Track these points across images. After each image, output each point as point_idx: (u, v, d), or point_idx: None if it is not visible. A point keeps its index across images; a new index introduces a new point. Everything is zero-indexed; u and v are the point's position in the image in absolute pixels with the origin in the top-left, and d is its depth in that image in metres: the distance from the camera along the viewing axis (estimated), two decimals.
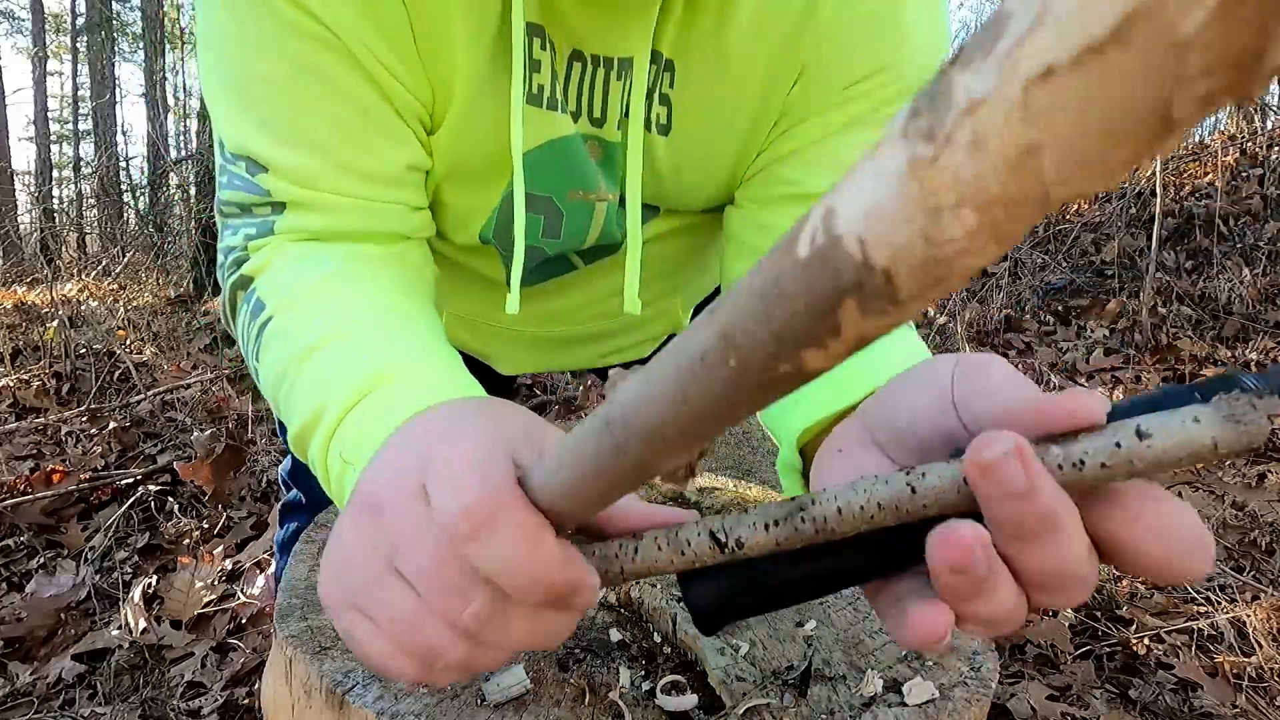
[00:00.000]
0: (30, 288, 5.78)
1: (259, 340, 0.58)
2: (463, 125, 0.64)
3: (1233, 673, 1.39)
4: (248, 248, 0.63)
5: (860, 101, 0.66)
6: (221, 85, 0.61)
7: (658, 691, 0.47)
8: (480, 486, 0.33)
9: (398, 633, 0.36)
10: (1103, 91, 0.12)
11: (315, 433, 0.51)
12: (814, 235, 0.17)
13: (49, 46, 14.97)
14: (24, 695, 1.43)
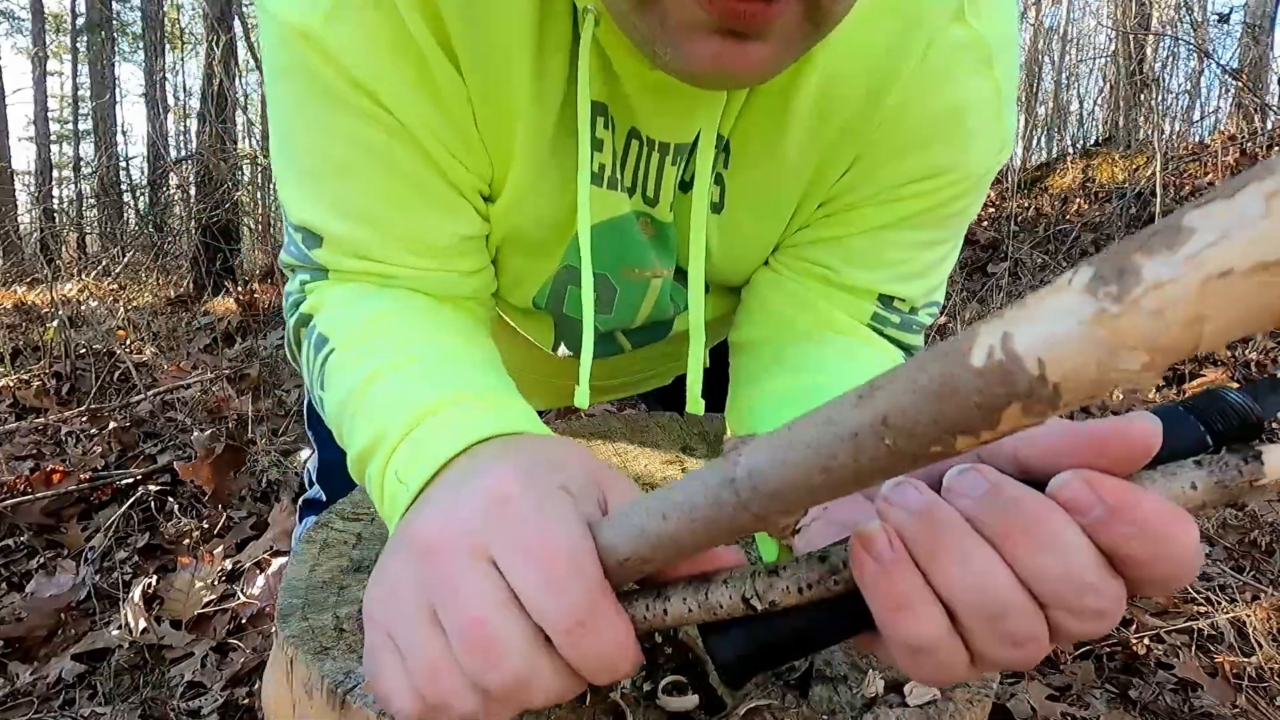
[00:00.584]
0: (30, 288, 5.78)
1: (323, 372, 0.59)
2: (522, 197, 0.64)
3: (1233, 673, 1.39)
4: (304, 289, 0.64)
5: (916, 201, 0.65)
6: (284, 156, 0.62)
7: (659, 692, 0.47)
8: (579, 590, 0.34)
9: (419, 674, 0.37)
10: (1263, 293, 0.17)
11: (374, 456, 0.51)
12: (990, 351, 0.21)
13: (49, 46, 14.97)
14: (24, 695, 1.43)
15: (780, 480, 0.27)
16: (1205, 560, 1.80)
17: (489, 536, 0.37)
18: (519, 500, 0.38)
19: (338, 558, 0.63)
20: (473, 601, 0.36)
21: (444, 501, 0.42)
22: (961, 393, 0.22)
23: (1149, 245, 0.19)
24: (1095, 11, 8.40)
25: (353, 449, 0.53)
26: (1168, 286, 0.18)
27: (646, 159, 0.64)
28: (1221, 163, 5.04)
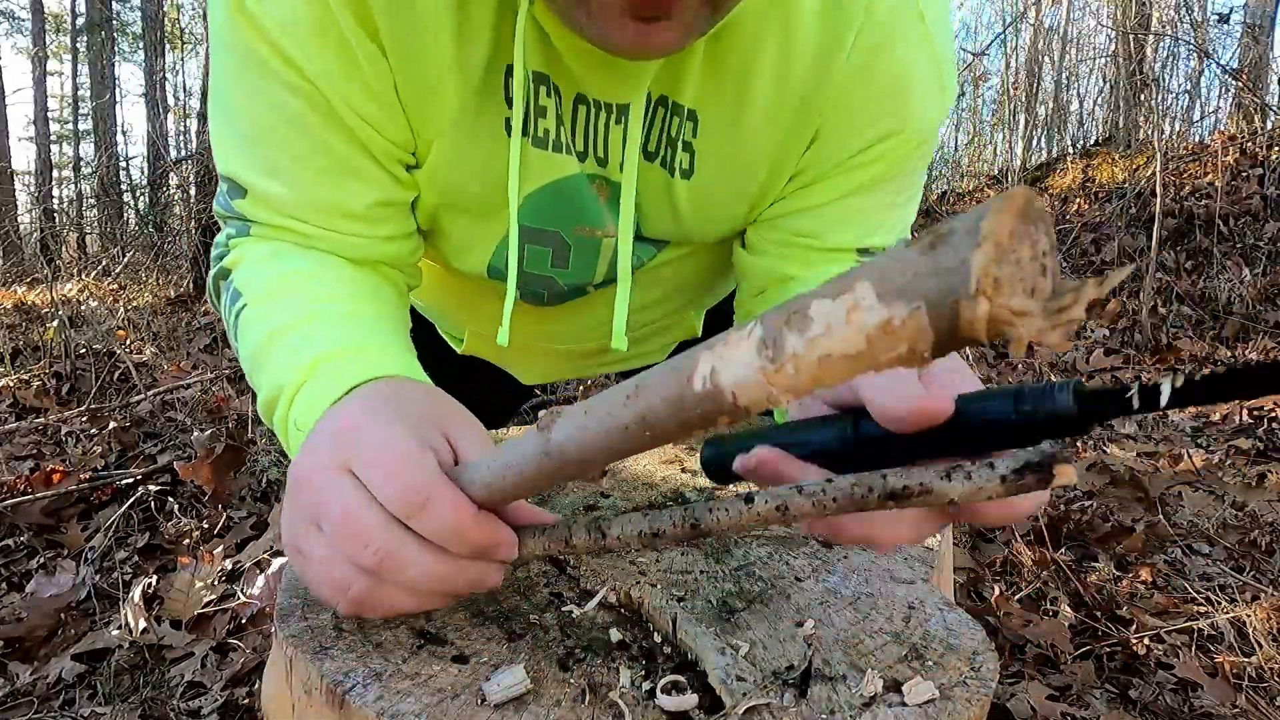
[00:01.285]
0: (30, 288, 5.78)
1: (236, 324, 0.66)
2: (450, 161, 0.69)
3: (1233, 673, 1.39)
4: (229, 244, 0.71)
5: (877, 164, 0.73)
6: (219, 113, 0.69)
7: (658, 691, 0.47)
8: (417, 477, 0.45)
9: (318, 571, 0.48)
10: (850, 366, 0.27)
11: (277, 404, 0.60)
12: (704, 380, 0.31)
13: (49, 46, 14.97)
14: (24, 695, 1.43)
15: (579, 451, 0.38)
16: (1205, 560, 1.80)
17: (342, 455, 0.47)
18: (361, 427, 0.49)
19: None
20: (336, 502, 0.46)
21: (308, 442, 0.51)
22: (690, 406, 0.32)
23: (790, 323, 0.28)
24: (1095, 11, 8.39)
25: (260, 396, 0.62)
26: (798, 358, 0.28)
27: (594, 121, 0.70)
28: (1221, 162, 5.04)
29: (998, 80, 8.40)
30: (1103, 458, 2.33)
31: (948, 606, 0.56)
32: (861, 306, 0.25)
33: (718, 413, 0.31)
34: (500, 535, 0.47)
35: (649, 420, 0.33)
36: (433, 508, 0.45)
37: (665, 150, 0.72)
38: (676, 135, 0.70)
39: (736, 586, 0.59)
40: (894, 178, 0.75)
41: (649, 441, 0.34)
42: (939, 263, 0.23)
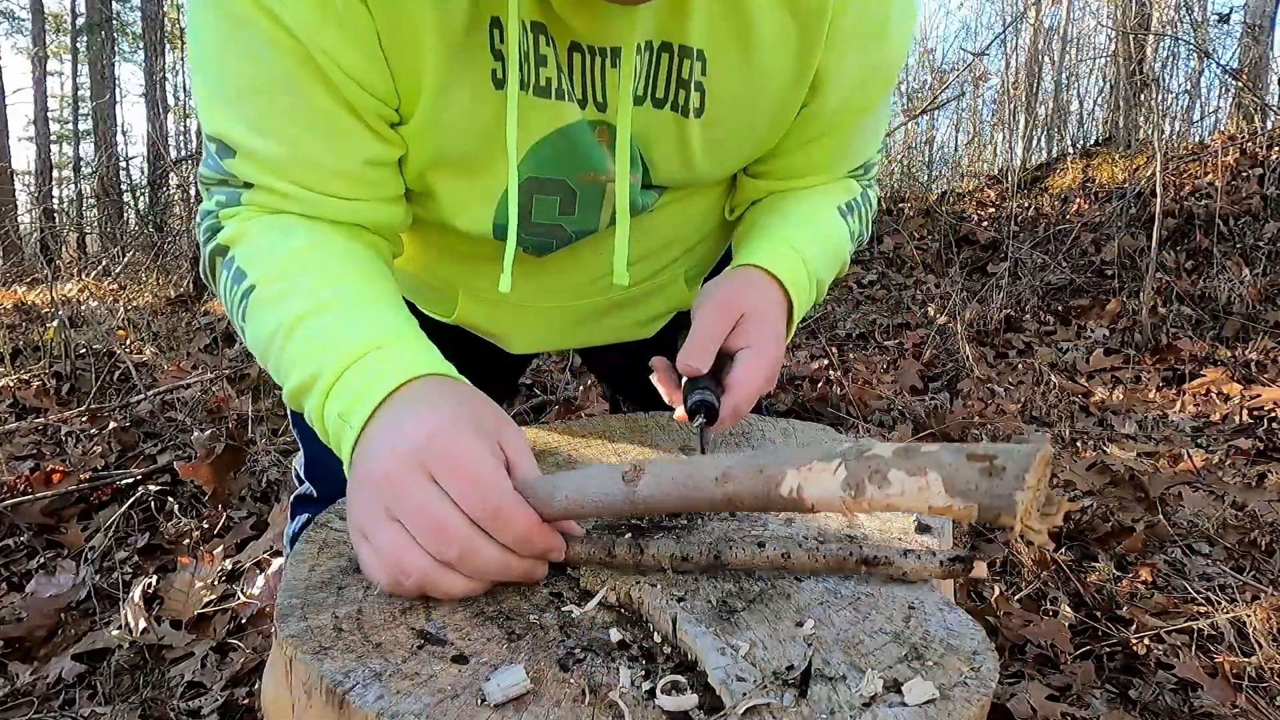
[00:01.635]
0: (30, 288, 5.78)
1: (244, 304, 0.67)
2: (436, 116, 0.70)
3: (1233, 673, 1.39)
4: (220, 215, 0.71)
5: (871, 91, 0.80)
6: (202, 73, 0.69)
7: (658, 691, 0.47)
8: (494, 491, 0.53)
9: (387, 556, 0.53)
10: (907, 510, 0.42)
11: (311, 392, 0.62)
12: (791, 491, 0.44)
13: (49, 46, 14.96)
14: (24, 695, 1.43)
15: (659, 504, 0.50)
16: (1205, 560, 1.80)
17: (427, 460, 0.53)
18: (445, 436, 0.54)
19: (337, 557, 0.63)
20: (422, 501, 0.52)
21: (390, 438, 0.56)
22: (773, 502, 0.45)
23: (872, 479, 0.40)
24: (1095, 11, 8.39)
25: (287, 384, 0.65)
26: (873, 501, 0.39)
27: (590, 67, 0.71)
28: (1221, 162, 5.04)
29: (998, 80, 8.40)
30: (1103, 458, 2.33)
31: (948, 606, 0.56)
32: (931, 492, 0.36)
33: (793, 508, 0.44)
34: (556, 542, 0.56)
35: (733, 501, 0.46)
36: (507, 520, 0.52)
37: (676, 93, 0.73)
38: (688, 77, 0.73)
39: (737, 586, 0.59)
40: (883, 101, 0.84)
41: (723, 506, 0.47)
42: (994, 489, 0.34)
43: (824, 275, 0.85)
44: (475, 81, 0.68)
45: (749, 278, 0.78)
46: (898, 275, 5.14)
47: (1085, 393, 3.10)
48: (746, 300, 0.76)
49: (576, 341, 1.08)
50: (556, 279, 0.92)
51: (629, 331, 1.06)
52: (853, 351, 3.78)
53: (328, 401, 0.61)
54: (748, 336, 0.74)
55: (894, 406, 2.84)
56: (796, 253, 0.81)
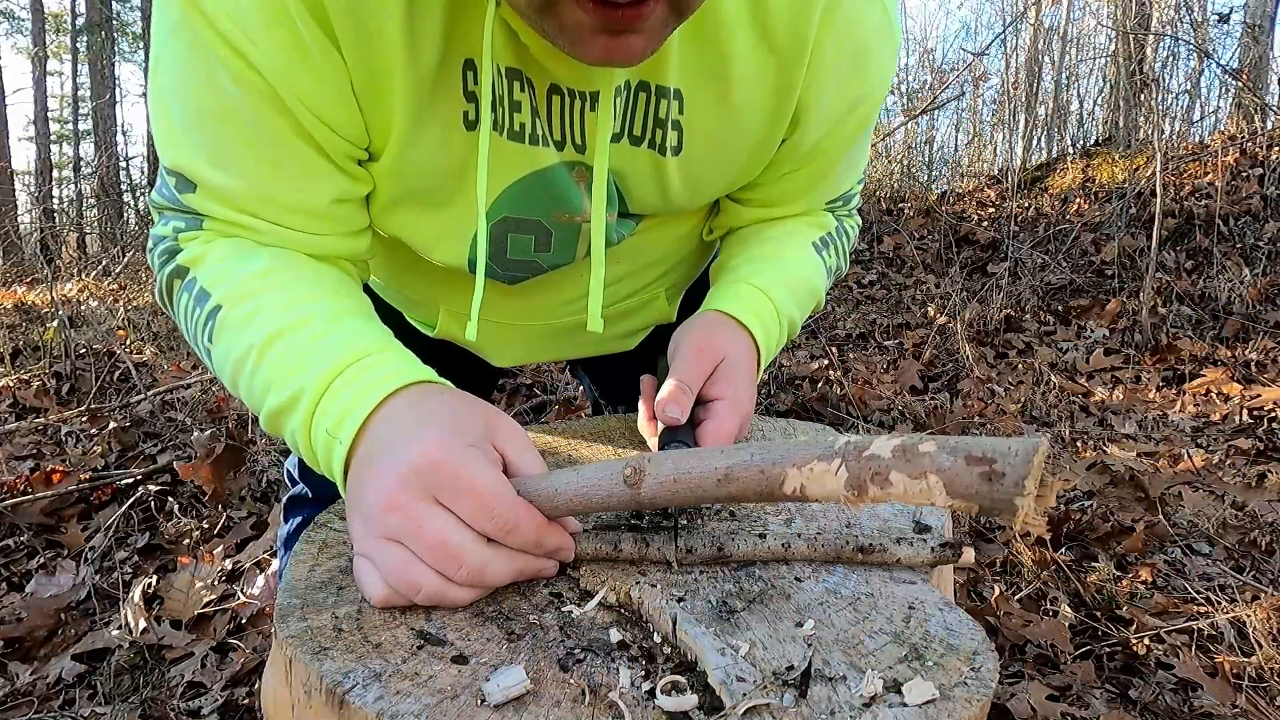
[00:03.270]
0: (30, 288, 5.77)
1: (209, 326, 0.66)
2: (406, 155, 0.69)
3: (1233, 673, 1.39)
4: (179, 239, 0.70)
5: (851, 123, 0.80)
6: (161, 101, 0.67)
7: (658, 692, 0.47)
8: (506, 508, 0.53)
9: (393, 576, 0.53)
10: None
11: (294, 411, 0.61)
12: (795, 489, 0.44)
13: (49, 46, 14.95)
14: (24, 695, 1.43)
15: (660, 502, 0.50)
16: (1205, 560, 1.80)
17: (429, 483, 0.53)
18: (443, 453, 0.53)
19: (336, 558, 0.63)
20: (433, 529, 0.52)
21: (386, 457, 0.55)
22: (776, 498, 0.46)
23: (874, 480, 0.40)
24: (1095, 11, 8.39)
25: (265, 405, 0.63)
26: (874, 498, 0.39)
27: (569, 109, 0.71)
28: (1221, 162, 5.04)
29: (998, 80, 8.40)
30: (1103, 458, 2.33)
31: (948, 606, 0.56)
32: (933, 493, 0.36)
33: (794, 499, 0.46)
34: (566, 542, 0.58)
35: (735, 498, 0.47)
36: (519, 530, 0.53)
37: (654, 132, 0.74)
38: (665, 116, 0.73)
39: (736, 586, 0.59)
40: (865, 131, 0.83)
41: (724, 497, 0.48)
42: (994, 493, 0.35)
43: (796, 316, 0.87)
44: (446, 122, 0.68)
45: (724, 325, 0.80)
46: (898, 275, 5.14)
47: (1085, 393, 3.10)
48: (722, 348, 0.77)
49: (558, 355, 1.09)
50: (533, 302, 0.93)
51: (613, 345, 1.07)
52: (853, 351, 3.78)
53: (314, 419, 0.60)
54: (722, 387, 0.75)
55: (894, 406, 2.84)
56: (768, 299, 0.82)
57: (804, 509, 0.71)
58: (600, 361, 1.14)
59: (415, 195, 0.74)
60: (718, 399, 0.75)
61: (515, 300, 0.91)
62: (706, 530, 0.67)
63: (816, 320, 4.21)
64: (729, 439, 0.74)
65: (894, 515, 0.70)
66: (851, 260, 1.00)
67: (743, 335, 0.80)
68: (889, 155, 7.50)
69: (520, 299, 0.91)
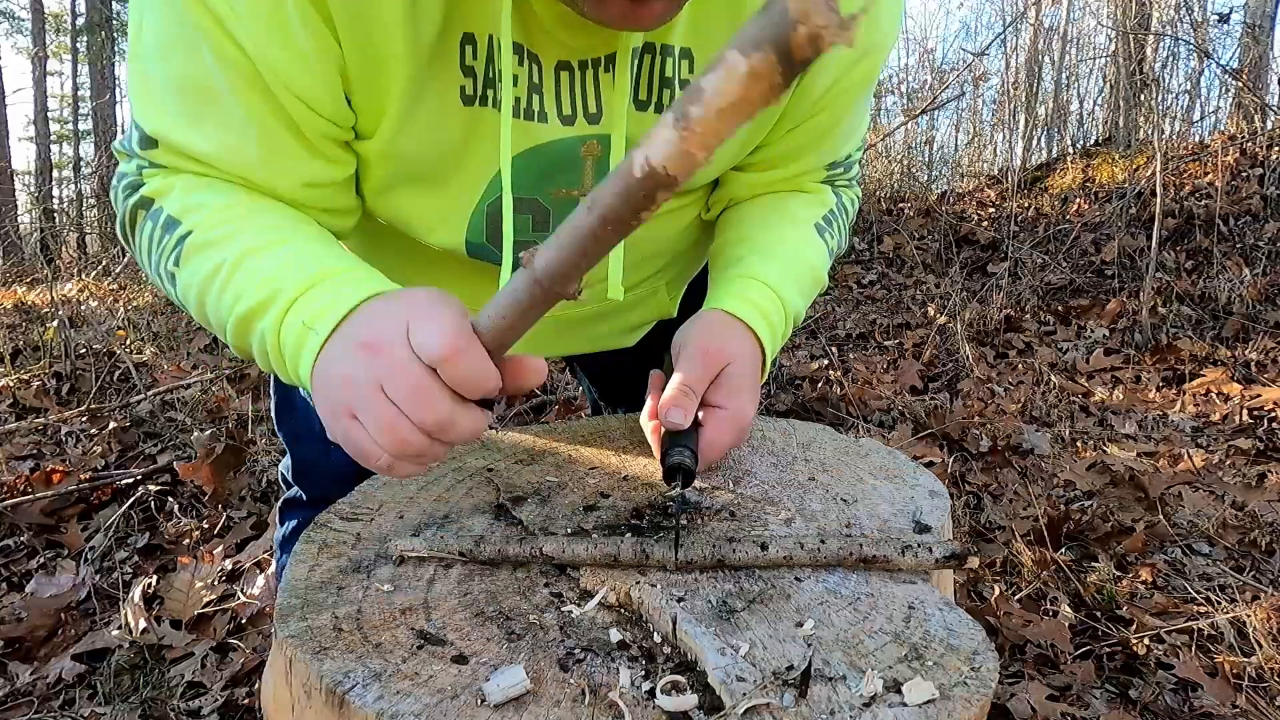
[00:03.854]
0: (30, 288, 5.77)
1: (177, 250, 0.66)
2: (400, 130, 0.69)
3: (1233, 673, 1.39)
4: (142, 174, 0.70)
5: (862, 85, 0.81)
6: (140, 66, 0.67)
7: (658, 691, 0.47)
8: (454, 331, 0.52)
9: (380, 430, 0.54)
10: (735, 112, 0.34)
11: (269, 309, 0.62)
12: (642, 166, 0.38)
13: (49, 46, 14.95)
14: (24, 695, 1.42)
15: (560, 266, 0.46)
16: (1205, 560, 1.80)
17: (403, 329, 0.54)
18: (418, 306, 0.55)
19: (337, 558, 0.63)
20: (410, 374, 0.53)
21: (375, 316, 0.57)
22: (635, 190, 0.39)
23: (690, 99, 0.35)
24: (1095, 11, 8.39)
25: (235, 310, 0.64)
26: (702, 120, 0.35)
27: (580, 80, 0.71)
28: (1221, 162, 5.04)
29: (998, 80, 8.40)
30: (1103, 458, 2.33)
31: (948, 606, 0.56)
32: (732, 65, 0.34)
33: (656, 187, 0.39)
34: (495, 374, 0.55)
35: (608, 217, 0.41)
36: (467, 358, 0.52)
37: (660, 93, 0.74)
38: (672, 75, 0.73)
39: (737, 587, 0.59)
40: (868, 90, 0.84)
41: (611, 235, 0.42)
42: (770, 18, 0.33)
43: (801, 307, 0.86)
44: (442, 97, 0.68)
45: (729, 326, 0.78)
46: (898, 275, 5.14)
47: (1085, 393, 3.10)
48: (728, 350, 0.76)
49: (560, 350, 1.08)
50: None
51: (612, 340, 1.06)
52: (853, 351, 3.78)
53: (289, 314, 0.61)
54: (725, 394, 0.74)
55: (894, 406, 2.84)
56: (776, 295, 0.81)
57: (803, 509, 0.71)
58: (600, 360, 1.13)
59: (412, 175, 0.74)
60: (720, 407, 0.74)
61: None
62: (707, 531, 0.67)
63: (816, 320, 4.21)
64: (724, 450, 0.74)
65: (893, 515, 0.70)
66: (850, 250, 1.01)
67: (749, 338, 0.79)
68: (889, 155, 7.50)
69: None
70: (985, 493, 2.15)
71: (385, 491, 0.75)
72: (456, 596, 0.57)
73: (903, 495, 0.75)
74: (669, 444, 0.70)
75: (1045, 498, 2.06)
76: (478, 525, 0.67)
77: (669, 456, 0.68)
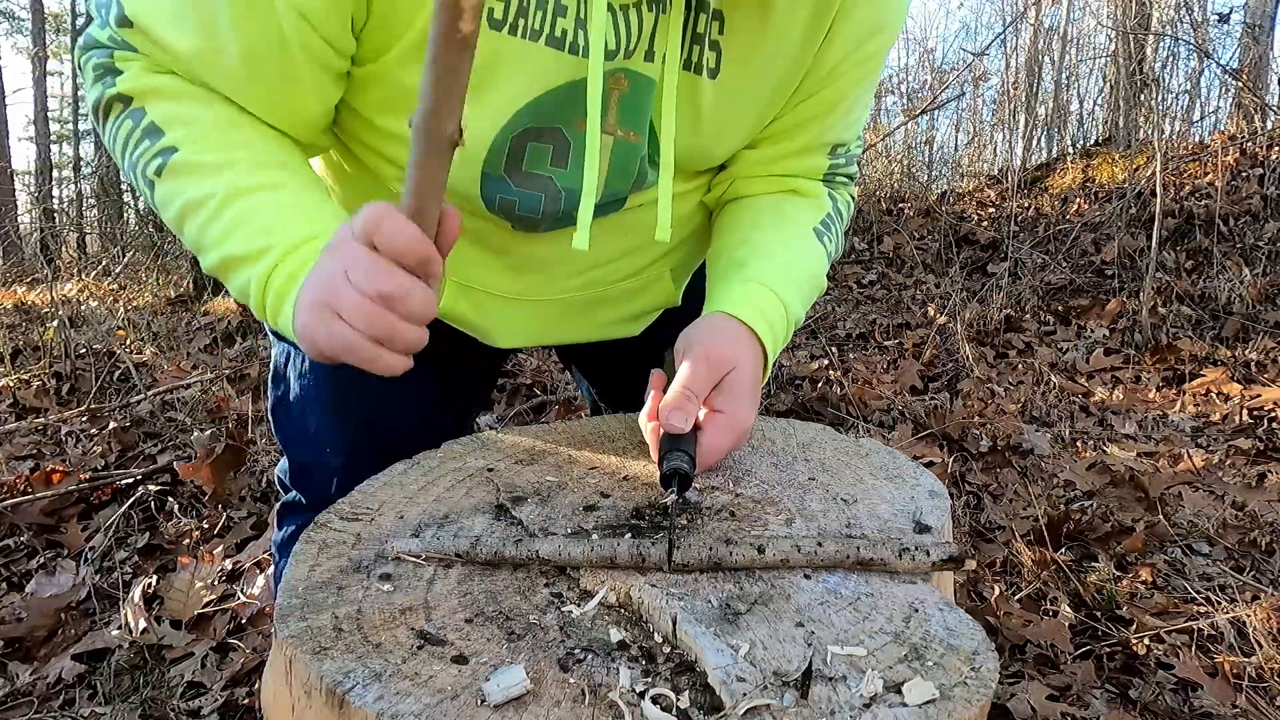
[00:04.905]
0: (30, 288, 5.77)
1: (157, 162, 0.69)
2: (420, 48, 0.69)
3: (1233, 673, 1.39)
4: (114, 56, 0.70)
5: (872, 61, 0.83)
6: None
7: (646, 699, 0.47)
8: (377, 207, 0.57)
9: (360, 318, 0.59)
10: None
11: (259, 260, 0.67)
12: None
13: (49, 46, 14.95)
14: (24, 695, 1.43)
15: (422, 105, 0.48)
16: (1205, 560, 1.80)
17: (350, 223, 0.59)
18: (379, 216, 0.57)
19: (337, 558, 0.63)
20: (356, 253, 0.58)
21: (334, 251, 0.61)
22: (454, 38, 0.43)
23: None
24: (1095, 11, 8.39)
25: (222, 250, 0.68)
26: None
27: (627, 15, 0.72)
28: (1221, 162, 5.04)
29: (998, 80, 8.40)
30: (1103, 458, 2.33)
31: (948, 606, 0.56)
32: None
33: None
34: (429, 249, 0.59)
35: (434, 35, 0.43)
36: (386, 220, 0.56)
37: (691, 49, 0.75)
38: (704, 32, 0.74)
39: (737, 588, 0.59)
40: (877, 68, 0.85)
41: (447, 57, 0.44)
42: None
43: (801, 313, 0.86)
44: None
45: (735, 331, 0.78)
46: (898, 275, 5.14)
47: (1085, 393, 3.10)
48: (732, 355, 0.76)
49: (563, 337, 1.06)
50: (544, 272, 0.92)
51: (616, 328, 1.05)
52: (853, 351, 3.78)
53: (277, 268, 0.66)
54: (726, 400, 0.74)
55: (894, 406, 2.84)
56: (779, 300, 0.81)
57: (803, 509, 0.71)
58: (603, 354, 1.12)
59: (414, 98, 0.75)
60: (720, 412, 0.74)
61: (527, 274, 0.91)
62: (706, 531, 0.67)
63: (816, 320, 4.21)
64: (722, 455, 0.74)
65: (893, 515, 0.70)
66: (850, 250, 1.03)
67: (753, 344, 0.78)
68: (889, 155, 7.50)
69: (532, 272, 0.91)
70: (985, 493, 2.15)
71: (385, 491, 0.75)
72: (456, 596, 0.57)
73: (903, 495, 0.75)
74: (667, 448, 0.70)
75: (1045, 498, 2.06)
76: (477, 525, 0.67)
77: (666, 461, 0.68)
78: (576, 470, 0.80)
